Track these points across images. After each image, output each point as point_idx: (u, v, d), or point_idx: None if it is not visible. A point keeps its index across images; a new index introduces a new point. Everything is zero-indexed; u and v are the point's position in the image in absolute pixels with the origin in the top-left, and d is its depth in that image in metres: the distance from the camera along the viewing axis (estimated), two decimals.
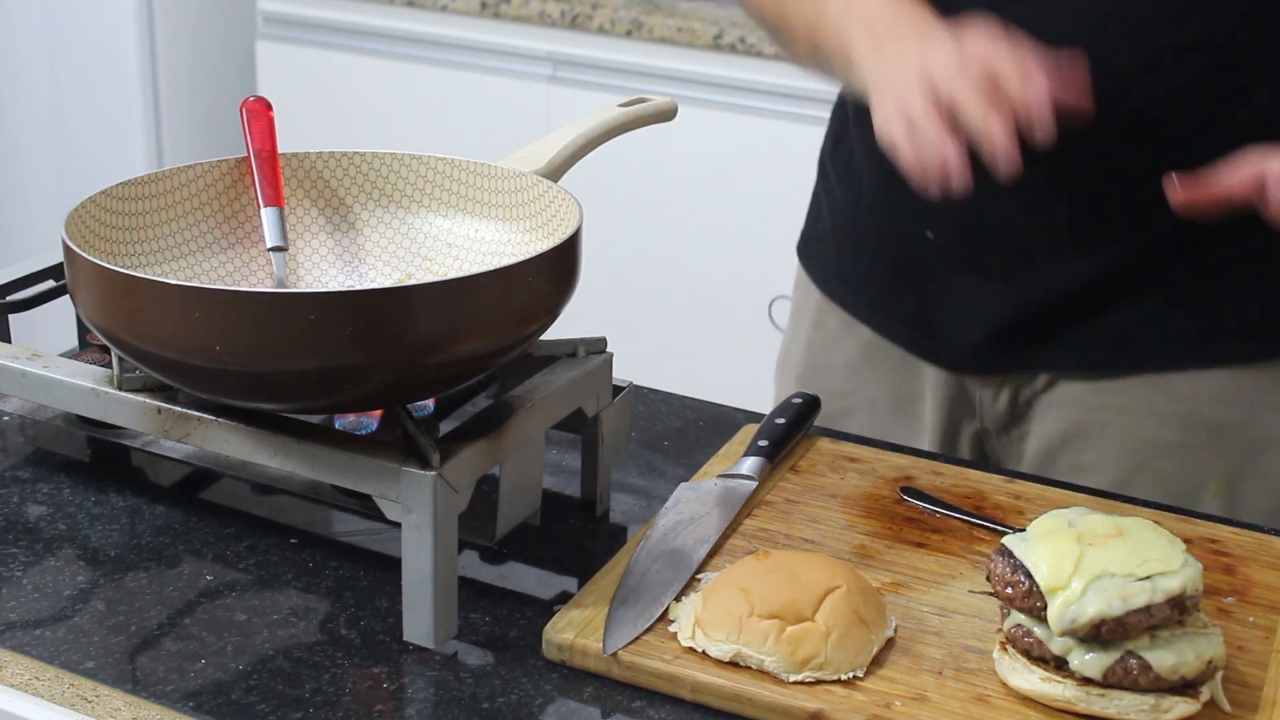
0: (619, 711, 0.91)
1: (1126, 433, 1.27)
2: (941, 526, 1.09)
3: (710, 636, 0.92)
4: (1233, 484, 1.25)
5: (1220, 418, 1.25)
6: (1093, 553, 0.88)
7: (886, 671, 0.92)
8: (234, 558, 1.05)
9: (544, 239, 1.07)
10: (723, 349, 2.61)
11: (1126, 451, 1.27)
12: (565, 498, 1.14)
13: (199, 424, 0.99)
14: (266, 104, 1.14)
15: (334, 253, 1.14)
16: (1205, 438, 1.25)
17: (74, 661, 0.94)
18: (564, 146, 1.12)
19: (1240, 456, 1.25)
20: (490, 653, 0.96)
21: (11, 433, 1.20)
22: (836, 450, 1.19)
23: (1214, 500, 1.25)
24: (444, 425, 1.13)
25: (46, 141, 2.97)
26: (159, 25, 2.85)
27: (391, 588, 1.00)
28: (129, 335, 0.92)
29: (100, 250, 1.03)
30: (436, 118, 2.76)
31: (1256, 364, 1.25)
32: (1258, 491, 1.25)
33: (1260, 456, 1.25)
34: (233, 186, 1.13)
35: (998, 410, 1.32)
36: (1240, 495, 1.25)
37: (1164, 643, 0.88)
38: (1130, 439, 1.26)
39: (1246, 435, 1.25)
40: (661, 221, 2.62)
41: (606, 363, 1.09)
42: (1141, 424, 1.26)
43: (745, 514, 1.09)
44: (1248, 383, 1.24)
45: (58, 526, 1.08)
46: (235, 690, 0.91)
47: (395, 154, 1.15)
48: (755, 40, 2.44)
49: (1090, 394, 1.27)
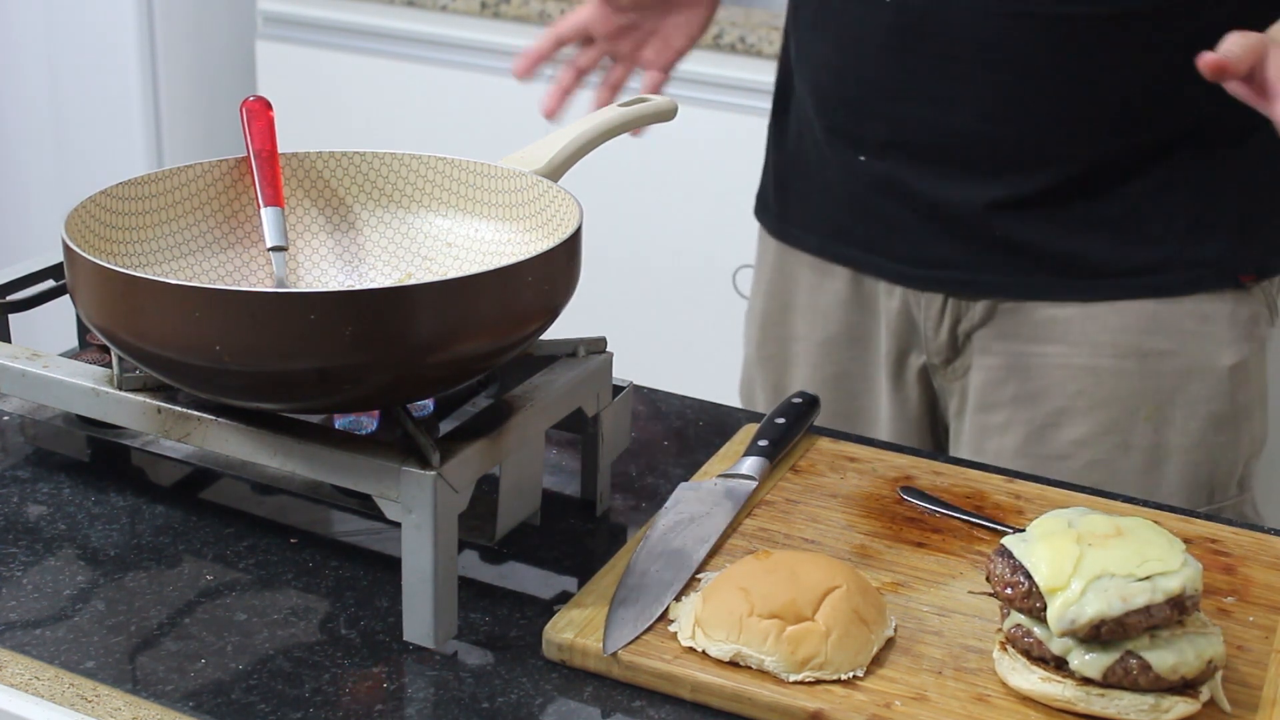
0: (619, 711, 0.91)
1: (1064, 361, 1.35)
2: (941, 526, 1.09)
3: (710, 636, 0.92)
4: (1162, 409, 1.34)
5: (1149, 346, 1.33)
6: (1092, 553, 0.88)
7: (886, 671, 0.92)
8: (234, 558, 1.05)
9: (544, 239, 1.07)
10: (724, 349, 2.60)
11: (1065, 378, 1.35)
12: (565, 498, 1.14)
13: (199, 424, 0.99)
14: (266, 104, 1.14)
15: (334, 253, 1.14)
16: (1136, 365, 1.34)
17: (74, 661, 0.94)
18: (564, 146, 1.12)
19: (1170, 383, 1.34)
20: (490, 653, 0.96)
21: (11, 433, 1.20)
22: (836, 450, 1.19)
23: (1146, 424, 1.34)
24: (444, 425, 1.13)
25: (46, 141, 2.97)
26: (159, 25, 2.85)
27: (391, 588, 1.00)
28: (129, 335, 0.92)
29: (100, 250, 1.03)
30: (436, 118, 2.76)
31: (1181, 295, 1.33)
32: (1186, 417, 1.34)
33: (1188, 383, 1.34)
34: (233, 186, 1.13)
35: (940, 341, 1.40)
36: (1170, 421, 1.35)
37: (1164, 643, 0.88)
38: (1067, 367, 1.35)
39: (1174, 363, 1.34)
40: (662, 221, 2.61)
41: (606, 363, 1.09)
42: (1076, 353, 1.34)
43: (745, 514, 1.09)
44: (1173, 313, 1.33)
45: (58, 526, 1.08)
46: (235, 690, 0.91)
47: (395, 154, 1.15)
48: (755, 40, 2.44)
49: (1025, 326, 1.36)
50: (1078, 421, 1.36)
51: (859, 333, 1.46)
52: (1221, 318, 1.34)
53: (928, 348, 1.42)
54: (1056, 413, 1.36)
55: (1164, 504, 1.17)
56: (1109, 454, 1.35)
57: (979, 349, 1.39)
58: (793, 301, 1.50)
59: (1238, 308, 1.34)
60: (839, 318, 1.47)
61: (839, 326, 1.47)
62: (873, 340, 1.46)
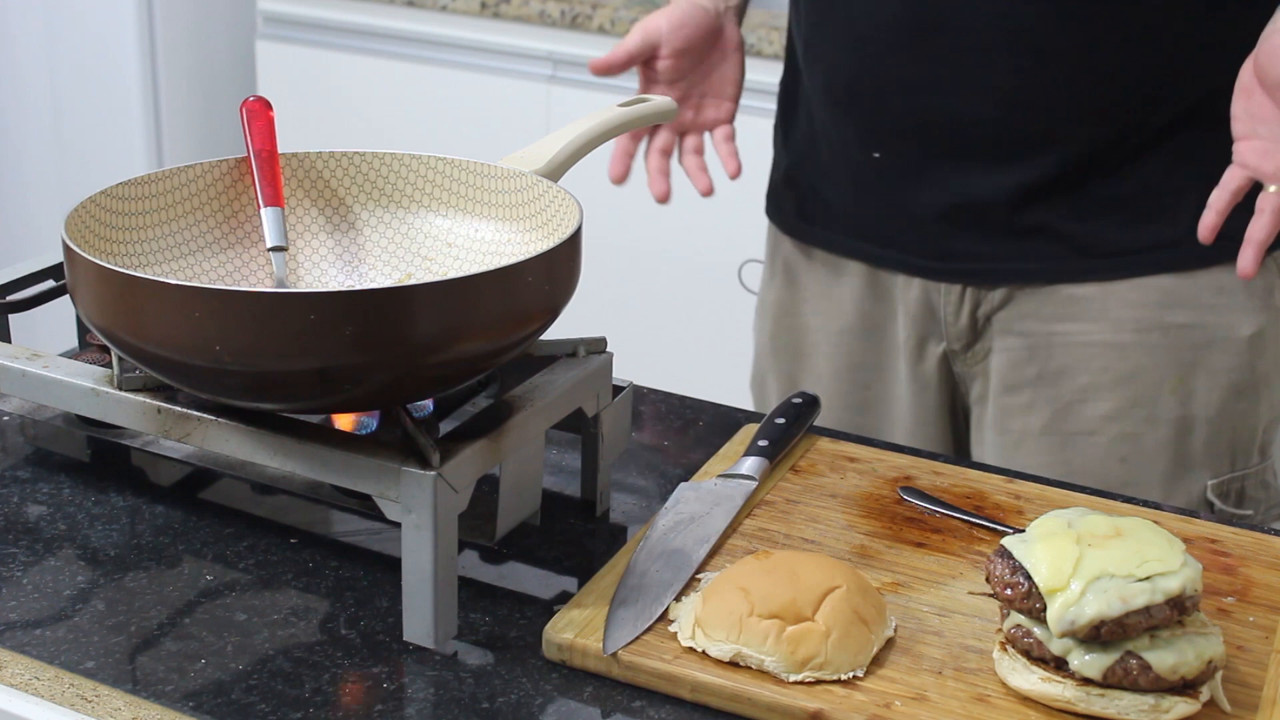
0: (619, 711, 0.91)
1: (1086, 339, 1.37)
2: (941, 526, 1.09)
3: (710, 636, 0.92)
4: (1185, 381, 1.36)
5: (1169, 320, 1.36)
6: (1092, 554, 0.88)
7: (886, 671, 0.92)
8: (234, 558, 1.05)
9: (544, 239, 1.07)
10: (725, 349, 2.61)
11: (1088, 356, 1.38)
12: (565, 498, 1.14)
13: (199, 424, 0.99)
14: (266, 104, 1.14)
15: (334, 253, 1.14)
16: (1159, 339, 1.36)
17: (74, 661, 0.94)
18: (564, 146, 1.12)
19: (1191, 354, 1.37)
20: (490, 653, 0.96)
21: (11, 433, 1.20)
22: (836, 450, 1.19)
23: (1171, 397, 1.36)
24: (444, 425, 1.13)
25: (46, 141, 2.97)
26: (159, 25, 2.85)
27: (391, 588, 1.00)
28: (129, 335, 0.92)
29: (100, 250, 1.02)
30: (436, 118, 2.76)
31: (1196, 270, 1.36)
32: (1208, 388, 1.37)
33: (1208, 354, 1.37)
34: (233, 186, 1.13)
35: (960, 327, 1.41)
36: (1193, 391, 1.37)
37: (1164, 643, 0.88)
38: (1089, 344, 1.37)
39: (1194, 335, 1.36)
40: (663, 220, 2.61)
41: (606, 363, 1.09)
42: (1098, 330, 1.37)
43: (745, 514, 1.09)
44: (1190, 287, 1.36)
45: (58, 526, 1.08)
46: (235, 690, 0.91)
47: (395, 154, 1.15)
48: (755, 40, 2.44)
49: (1045, 307, 1.38)
50: (1104, 397, 1.37)
51: (875, 323, 1.47)
52: (1238, 289, 1.36)
53: (947, 334, 1.43)
54: (1081, 390, 1.38)
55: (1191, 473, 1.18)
56: (1137, 427, 1.37)
57: (999, 331, 1.41)
58: (806, 294, 1.51)
59: (1252, 279, 1.35)
60: (855, 309, 1.48)
61: (855, 317, 1.48)
62: (890, 330, 1.47)
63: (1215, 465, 1.38)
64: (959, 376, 1.46)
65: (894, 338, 1.47)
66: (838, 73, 1.41)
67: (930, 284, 1.42)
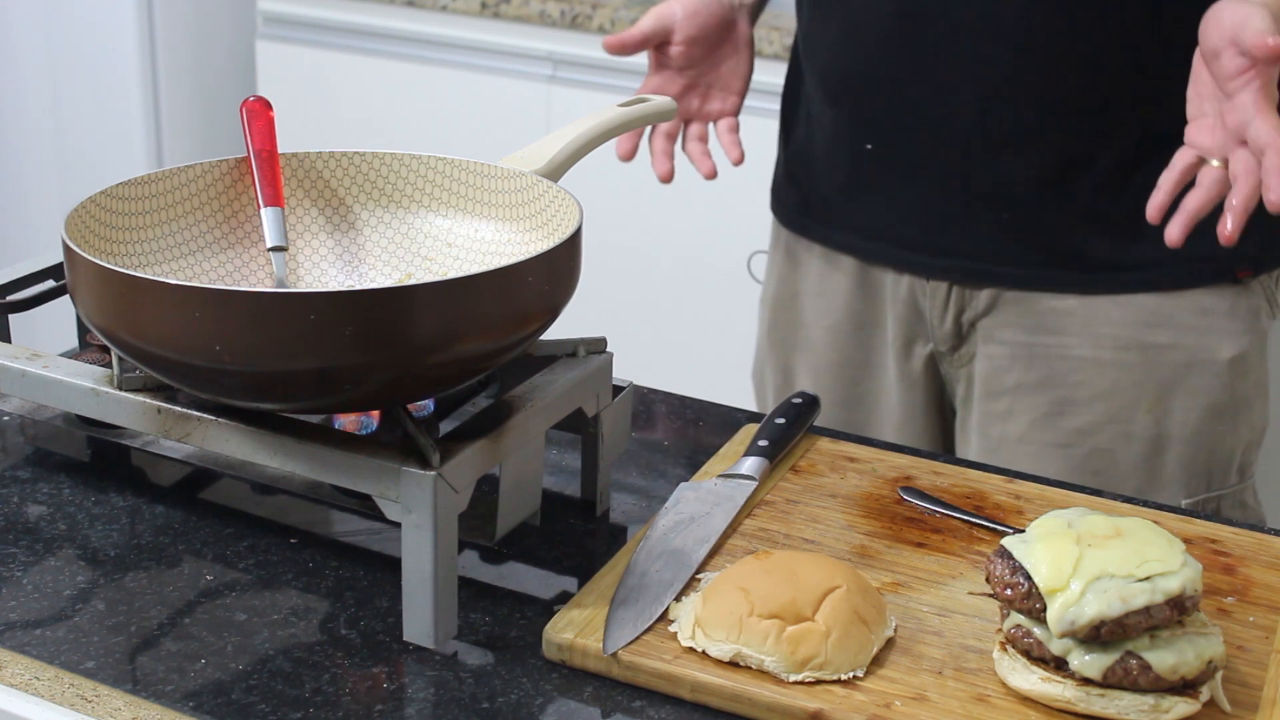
0: (619, 711, 0.91)
1: (1066, 351, 1.38)
2: (941, 526, 1.09)
3: (710, 636, 0.92)
4: (1163, 400, 1.37)
5: (1149, 340, 1.36)
6: (1092, 554, 0.88)
7: (886, 671, 0.92)
8: (234, 558, 1.05)
9: (544, 239, 1.07)
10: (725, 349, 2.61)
11: (1067, 369, 1.39)
12: (565, 498, 1.14)
13: (199, 424, 0.99)
14: (266, 104, 1.14)
15: (334, 253, 1.14)
16: (1137, 358, 1.36)
17: (74, 661, 0.94)
18: (564, 146, 1.12)
19: (1170, 375, 1.36)
20: (490, 653, 0.96)
21: (11, 433, 1.20)
22: (836, 450, 1.19)
23: (1147, 416, 1.37)
24: (444, 425, 1.13)
25: (46, 141, 2.97)
26: (159, 25, 2.85)
27: (391, 588, 1.00)
28: (129, 335, 0.92)
29: (100, 250, 1.02)
30: (436, 118, 2.76)
31: (1179, 290, 1.35)
32: (1185, 408, 1.38)
33: (1188, 375, 1.37)
34: (233, 186, 1.13)
35: (945, 330, 1.42)
36: (1170, 411, 1.36)
37: (1164, 643, 0.88)
38: (1069, 358, 1.38)
39: (1174, 356, 1.37)
40: (663, 220, 2.61)
41: (606, 363, 1.09)
42: (1079, 344, 1.37)
43: (745, 514, 1.09)
44: (1172, 307, 1.36)
45: (58, 526, 1.08)
46: (235, 690, 0.91)
47: (395, 154, 1.15)
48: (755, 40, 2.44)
49: (1028, 316, 1.39)
50: (1080, 411, 1.38)
51: (866, 320, 1.48)
52: (1220, 312, 1.36)
53: (933, 335, 1.44)
54: (1058, 402, 1.39)
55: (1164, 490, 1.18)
56: (1111, 442, 1.38)
57: (983, 337, 1.42)
58: (802, 288, 1.53)
59: (1237, 302, 1.36)
60: (846, 305, 1.49)
61: (846, 313, 1.49)
62: (879, 327, 1.48)
63: (1190, 484, 1.38)
64: (946, 377, 1.48)
65: (883, 336, 1.48)
66: (832, 65, 1.42)
67: (918, 284, 1.43)
